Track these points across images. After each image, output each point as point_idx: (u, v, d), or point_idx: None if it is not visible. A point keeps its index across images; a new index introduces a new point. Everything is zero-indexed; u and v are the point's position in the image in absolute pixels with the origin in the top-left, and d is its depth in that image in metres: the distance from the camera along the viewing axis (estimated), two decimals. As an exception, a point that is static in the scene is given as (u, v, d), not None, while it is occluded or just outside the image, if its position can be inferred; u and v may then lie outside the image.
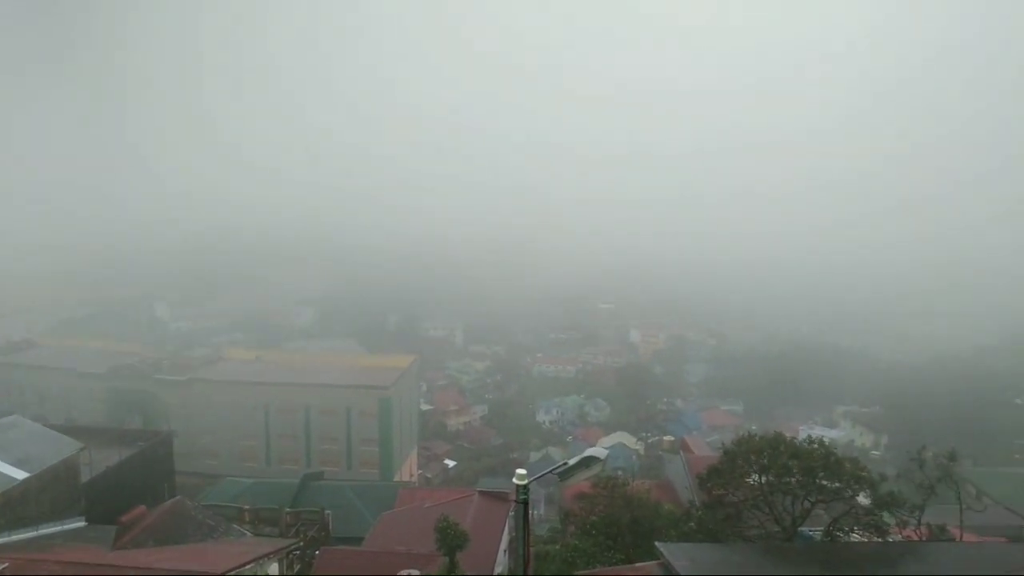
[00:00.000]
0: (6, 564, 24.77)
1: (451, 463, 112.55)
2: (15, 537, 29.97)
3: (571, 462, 12.63)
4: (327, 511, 46.88)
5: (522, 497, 11.96)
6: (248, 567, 26.92)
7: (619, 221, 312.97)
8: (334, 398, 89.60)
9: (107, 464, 48.17)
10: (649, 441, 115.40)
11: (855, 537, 29.18)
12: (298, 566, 38.09)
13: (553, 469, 12.88)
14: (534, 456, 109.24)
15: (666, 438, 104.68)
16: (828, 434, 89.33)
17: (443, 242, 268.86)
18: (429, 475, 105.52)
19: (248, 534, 38.17)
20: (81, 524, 33.77)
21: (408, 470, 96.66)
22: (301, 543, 38.90)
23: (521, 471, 12.15)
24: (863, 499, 30.73)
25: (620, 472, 67.06)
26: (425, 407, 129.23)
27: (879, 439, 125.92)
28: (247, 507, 45.19)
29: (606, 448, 13.43)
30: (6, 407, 65.92)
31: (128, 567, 25.78)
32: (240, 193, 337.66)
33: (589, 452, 12.46)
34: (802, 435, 36.70)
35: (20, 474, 33.53)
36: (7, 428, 37.58)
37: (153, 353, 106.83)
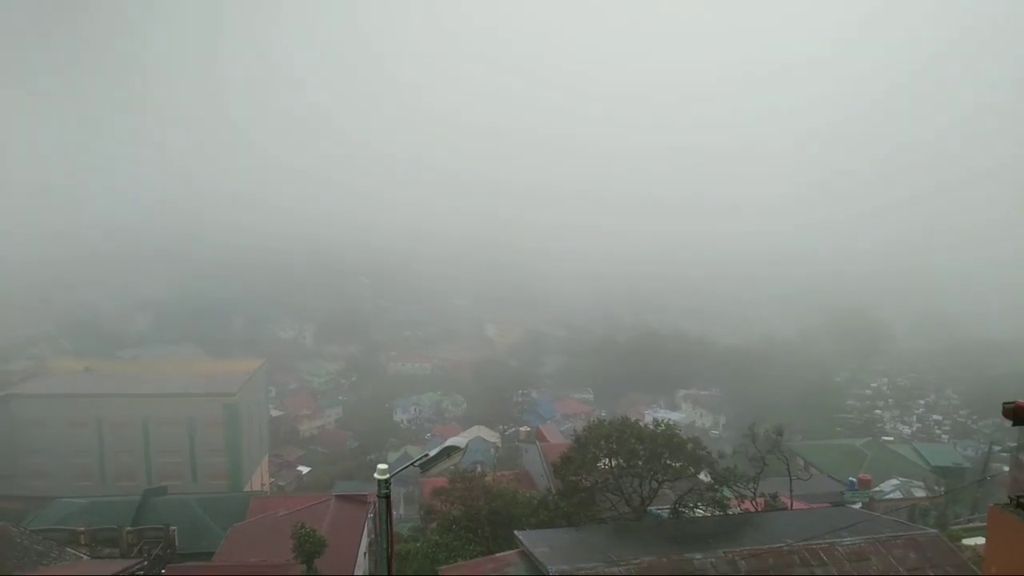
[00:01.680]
0: None
1: (305, 469, 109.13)
2: None
3: (432, 453, 12.75)
4: (172, 527, 44.46)
5: (383, 492, 11.90)
6: (86, 592, 25.17)
7: (470, 217, 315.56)
8: (175, 408, 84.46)
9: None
10: (506, 433, 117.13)
11: (699, 512, 31.08)
12: (142, 587, 35.92)
13: (415, 461, 12.97)
14: (392, 456, 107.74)
15: (523, 429, 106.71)
16: (671, 416, 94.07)
17: (290, 240, 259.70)
18: (282, 483, 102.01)
19: (85, 557, 35.58)
20: None
21: (259, 480, 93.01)
22: (145, 562, 36.75)
23: (382, 466, 12.10)
24: (704, 476, 32.81)
25: (479, 465, 67.78)
26: (275, 413, 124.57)
27: (717, 419, 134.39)
28: (82, 528, 42.03)
29: (466, 439, 13.49)
30: None
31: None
32: (64, 187, 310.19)
33: (449, 442, 12.64)
34: (648, 418, 38.78)
35: None
36: None
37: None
